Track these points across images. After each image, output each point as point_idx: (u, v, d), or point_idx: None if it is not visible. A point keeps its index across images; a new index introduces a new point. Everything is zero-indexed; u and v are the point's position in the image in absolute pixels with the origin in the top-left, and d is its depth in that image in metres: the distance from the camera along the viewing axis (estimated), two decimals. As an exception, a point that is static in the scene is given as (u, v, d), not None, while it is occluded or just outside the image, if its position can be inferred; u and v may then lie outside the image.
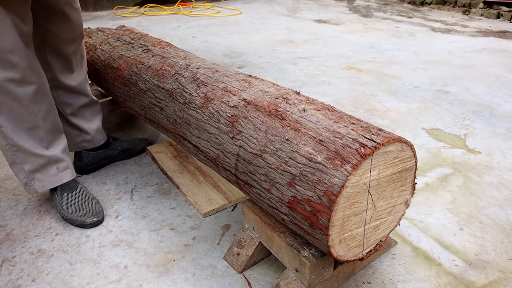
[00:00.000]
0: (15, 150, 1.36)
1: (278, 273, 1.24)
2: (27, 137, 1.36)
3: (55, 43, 1.47)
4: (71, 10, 1.44)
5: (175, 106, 1.31)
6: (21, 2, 1.23)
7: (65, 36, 1.47)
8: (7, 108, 1.29)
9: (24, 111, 1.32)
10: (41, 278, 1.24)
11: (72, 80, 1.57)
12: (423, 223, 1.45)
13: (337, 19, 4.77)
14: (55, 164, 1.45)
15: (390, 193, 0.99)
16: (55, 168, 1.45)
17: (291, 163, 0.94)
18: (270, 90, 1.16)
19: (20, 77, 1.27)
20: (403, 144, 0.94)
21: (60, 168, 1.47)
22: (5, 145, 1.34)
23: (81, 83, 1.61)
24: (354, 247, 0.99)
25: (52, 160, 1.44)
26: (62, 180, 1.48)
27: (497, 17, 4.72)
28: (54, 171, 1.45)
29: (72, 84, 1.57)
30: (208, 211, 1.49)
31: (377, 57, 3.34)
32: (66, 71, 1.55)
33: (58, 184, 1.47)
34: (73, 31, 1.49)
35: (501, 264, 1.27)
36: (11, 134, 1.33)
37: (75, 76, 1.58)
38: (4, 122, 1.31)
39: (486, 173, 1.73)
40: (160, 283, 1.21)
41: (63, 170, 1.48)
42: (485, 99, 2.49)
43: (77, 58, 1.56)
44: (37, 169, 1.41)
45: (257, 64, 3.18)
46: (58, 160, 1.45)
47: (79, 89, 1.60)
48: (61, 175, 1.47)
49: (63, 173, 1.48)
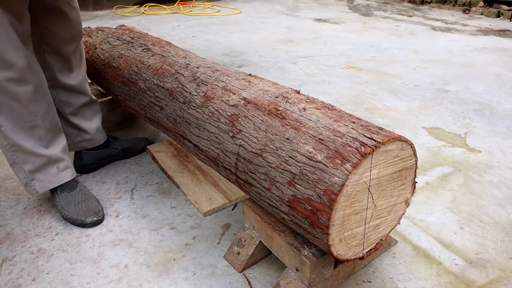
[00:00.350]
0: (15, 150, 1.36)
1: (279, 272, 1.24)
2: (27, 136, 1.36)
3: (53, 42, 1.47)
4: (70, 9, 1.44)
5: (175, 105, 1.31)
6: (18, 1, 1.22)
7: (63, 35, 1.47)
8: (7, 108, 1.29)
9: (23, 110, 1.32)
10: (41, 277, 1.24)
11: (72, 79, 1.57)
12: (423, 222, 1.45)
13: (337, 18, 4.77)
14: (55, 163, 1.45)
15: (390, 192, 0.99)
16: (55, 167, 1.45)
17: (291, 162, 0.94)
18: (270, 89, 1.16)
19: (19, 76, 1.27)
20: (403, 143, 0.94)
21: (60, 168, 1.46)
22: (5, 145, 1.34)
23: (81, 82, 1.60)
24: (355, 246, 0.99)
25: (52, 160, 1.43)
26: (63, 180, 1.48)
27: (497, 16, 4.72)
28: (54, 171, 1.45)
29: (71, 83, 1.57)
30: (208, 210, 1.49)
31: (377, 56, 3.33)
32: (65, 70, 1.54)
33: (59, 184, 1.47)
34: (72, 30, 1.48)
35: (502, 263, 1.27)
36: (11, 134, 1.33)
37: (74, 75, 1.57)
38: (4, 122, 1.31)
39: (486, 172, 1.73)
40: (161, 283, 1.21)
41: (63, 170, 1.47)
42: (486, 98, 2.48)
43: (76, 57, 1.56)
44: (37, 169, 1.41)
45: (257, 63, 3.17)
46: (58, 159, 1.45)
47: (79, 88, 1.60)
48: (61, 174, 1.47)
49: (63, 173, 1.48)
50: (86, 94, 1.64)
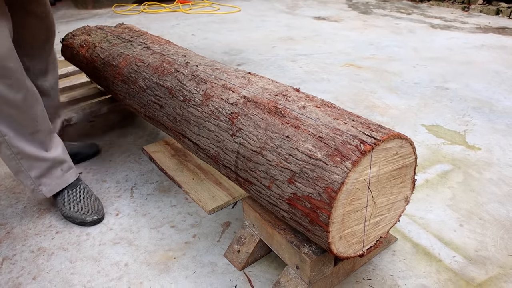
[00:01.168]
0: (20, 158, 1.34)
1: (279, 270, 1.24)
2: (30, 142, 1.35)
3: (29, 44, 1.46)
4: (42, 10, 1.44)
5: (175, 104, 1.31)
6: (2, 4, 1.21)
7: (39, 36, 1.46)
8: (7, 116, 1.27)
9: (23, 116, 1.30)
10: (41, 276, 1.24)
11: (46, 82, 1.57)
12: (423, 219, 1.45)
13: (336, 16, 4.76)
14: (59, 166, 1.45)
15: (390, 190, 0.99)
16: (60, 170, 1.45)
17: (291, 160, 0.94)
18: (269, 87, 1.16)
19: (16, 82, 1.25)
20: (402, 140, 0.94)
21: (64, 169, 1.46)
22: (9, 154, 1.33)
23: (52, 86, 1.60)
24: (354, 244, 0.99)
25: (56, 162, 1.43)
26: (68, 181, 1.48)
27: (496, 13, 4.71)
28: (59, 173, 1.45)
29: (45, 86, 1.56)
30: (213, 208, 1.49)
31: (377, 54, 3.33)
32: (39, 72, 1.54)
33: (65, 186, 1.47)
34: (47, 31, 1.48)
35: (501, 260, 1.27)
36: (15, 142, 1.31)
37: (49, 77, 1.58)
38: (7, 131, 1.29)
39: (486, 169, 1.73)
40: (161, 281, 1.21)
41: (67, 171, 1.47)
42: (485, 96, 2.48)
43: (50, 60, 1.56)
44: (43, 174, 1.41)
45: (256, 61, 3.17)
46: (61, 161, 1.45)
47: (50, 91, 1.60)
48: (66, 176, 1.47)
49: (68, 174, 1.48)
50: (53, 97, 1.63)
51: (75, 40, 1.93)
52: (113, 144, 1.98)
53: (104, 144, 1.98)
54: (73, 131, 2.10)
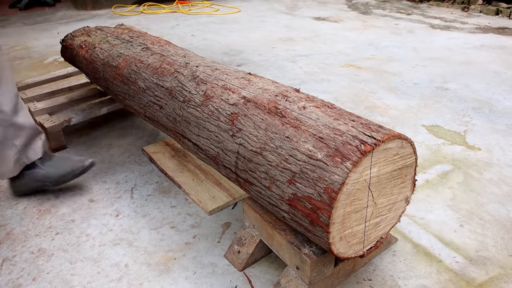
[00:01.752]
0: None
1: (279, 271, 1.24)
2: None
3: None
4: None
5: (175, 104, 1.31)
6: None
7: None
8: None
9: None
10: (41, 277, 1.24)
11: None
12: (423, 220, 1.45)
13: (336, 17, 4.76)
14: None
15: (390, 190, 0.99)
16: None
17: (291, 160, 0.94)
18: (269, 87, 1.16)
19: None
20: (403, 141, 0.94)
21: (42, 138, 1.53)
22: None
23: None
24: (355, 244, 0.99)
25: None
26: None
27: (496, 14, 4.71)
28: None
29: None
30: (214, 208, 1.49)
31: (377, 54, 3.33)
32: None
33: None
34: None
35: (502, 260, 1.27)
36: None
37: None
38: None
39: (486, 170, 1.73)
40: (161, 282, 1.21)
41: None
42: (485, 96, 2.48)
43: None
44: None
45: (256, 62, 3.17)
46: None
47: None
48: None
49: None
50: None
51: (75, 41, 1.93)
52: (113, 145, 1.97)
53: (104, 145, 1.98)
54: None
